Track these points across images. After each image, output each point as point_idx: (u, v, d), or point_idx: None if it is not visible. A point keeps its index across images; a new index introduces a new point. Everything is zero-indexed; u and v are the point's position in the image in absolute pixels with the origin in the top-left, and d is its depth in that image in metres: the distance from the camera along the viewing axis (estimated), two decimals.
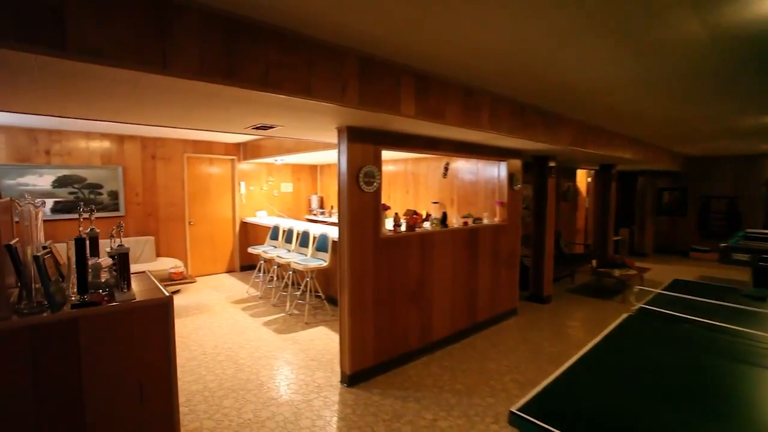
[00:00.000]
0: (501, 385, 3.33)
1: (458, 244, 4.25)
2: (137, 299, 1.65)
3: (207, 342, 4.12)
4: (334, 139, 3.30)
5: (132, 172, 6.11)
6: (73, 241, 1.53)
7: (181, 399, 3.04)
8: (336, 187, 3.85)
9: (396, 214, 3.85)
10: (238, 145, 7.23)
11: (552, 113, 4.07)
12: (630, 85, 3.03)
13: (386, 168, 7.32)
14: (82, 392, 1.51)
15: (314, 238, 5.34)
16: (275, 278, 5.84)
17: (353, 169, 3.24)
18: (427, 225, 4.20)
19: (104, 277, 1.89)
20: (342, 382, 3.33)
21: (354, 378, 3.30)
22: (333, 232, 5.16)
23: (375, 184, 3.38)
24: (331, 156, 6.49)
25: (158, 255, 6.33)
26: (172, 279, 4.96)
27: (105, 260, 1.82)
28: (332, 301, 5.34)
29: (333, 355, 3.81)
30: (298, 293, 5.47)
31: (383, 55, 2.40)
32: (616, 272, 5.77)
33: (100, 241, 5.67)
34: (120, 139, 5.99)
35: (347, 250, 3.25)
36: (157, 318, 1.66)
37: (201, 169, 6.91)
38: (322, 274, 5.48)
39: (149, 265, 5.68)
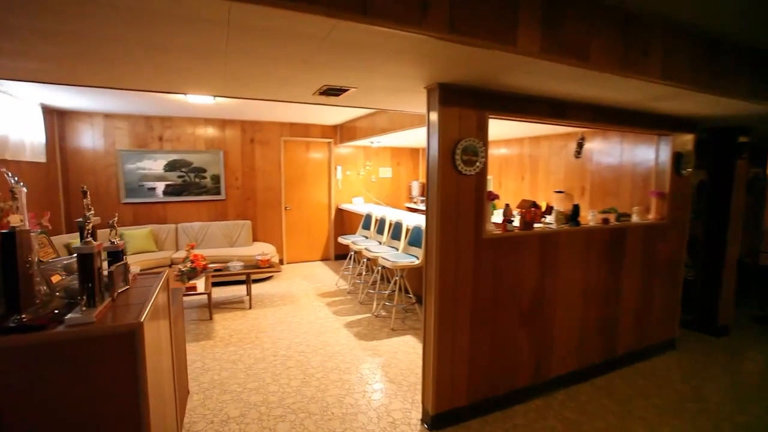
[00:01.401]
0: None
1: (594, 248, 3.09)
2: (98, 323, 1.13)
3: (282, 341, 3.73)
4: (424, 108, 2.48)
5: (232, 157, 6.16)
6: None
7: (236, 412, 2.62)
8: None
9: (507, 206, 2.90)
10: (335, 127, 6.87)
11: (765, 49, 2.61)
12: None
13: (497, 151, 6.21)
14: None
15: (407, 230, 4.63)
16: (365, 271, 5.31)
17: (447, 143, 2.40)
18: (549, 220, 3.14)
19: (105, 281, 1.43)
20: (423, 422, 2.56)
21: (439, 420, 2.51)
22: None
23: (478, 164, 2.48)
24: None
25: (255, 239, 6.34)
26: (258, 266, 4.76)
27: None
28: None
29: (417, 377, 3.06)
30: (387, 292, 4.84)
31: None
32: None
33: (216, 223, 5.66)
34: (222, 123, 6.05)
35: (436, 250, 2.44)
36: (120, 352, 1.12)
37: (297, 152, 6.73)
38: (414, 273, 4.76)
39: (244, 249, 5.65)
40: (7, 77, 2.31)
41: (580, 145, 4.61)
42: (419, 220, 4.68)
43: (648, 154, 3.71)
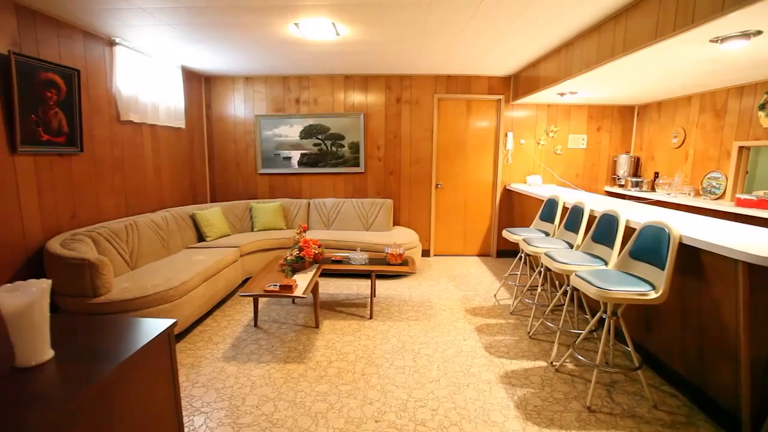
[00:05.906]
0: None
1: None
2: None
3: (396, 390, 2.36)
4: None
5: (374, 120, 5.04)
6: None
7: None
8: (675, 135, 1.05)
9: None
10: (506, 79, 5.03)
11: None
12: None
13: None
14: None
15: (628, 230, 2.62)
16: (540, 284, 3.46)
17: None
18: None
19: None
20: None
21: None
22: (679, 225, 2.31)
23: None
24: (683, 68, 3.28)
25: (396, 223, 5.15)
26: (386, 262, 3.50)
27: None
28: (653, 364, 2.53)
29: None
30: (582, 333, 2.95)
31: None
32: None
33: (351, 200, 4.68)
34: (363, 80, 4.97)
35: None
36: None
37: (455, 114, 5.16)
38: (640, 310, 2.72)
39: (379, 235, 4.50)
40: None
41: None
42: (655, 215, 2.60)
43: None
